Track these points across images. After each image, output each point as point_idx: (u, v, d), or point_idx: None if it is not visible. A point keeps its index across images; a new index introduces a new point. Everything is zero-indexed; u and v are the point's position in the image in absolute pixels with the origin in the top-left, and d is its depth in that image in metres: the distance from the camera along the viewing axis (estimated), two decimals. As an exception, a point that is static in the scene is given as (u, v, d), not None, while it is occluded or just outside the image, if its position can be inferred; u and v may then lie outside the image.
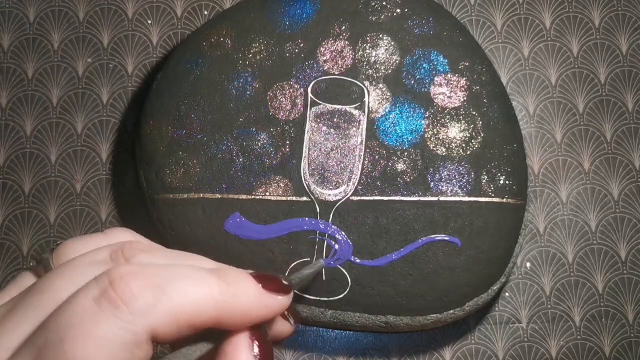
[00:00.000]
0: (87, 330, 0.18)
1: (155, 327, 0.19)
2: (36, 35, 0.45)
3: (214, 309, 0.20)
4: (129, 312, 0.18)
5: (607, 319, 0.41)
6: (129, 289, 0.18)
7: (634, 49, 0.44)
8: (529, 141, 0.43)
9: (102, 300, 0.18)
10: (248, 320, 0.21)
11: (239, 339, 0.21)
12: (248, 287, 0.21)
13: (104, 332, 0.18)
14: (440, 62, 0.39)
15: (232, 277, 0.21)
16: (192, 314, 0.19)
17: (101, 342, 0.18)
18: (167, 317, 0.19)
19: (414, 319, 0.36)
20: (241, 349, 0.21)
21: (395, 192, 0.37)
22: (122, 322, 0.18)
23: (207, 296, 0.20)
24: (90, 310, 0.18)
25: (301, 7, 0.40)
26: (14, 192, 0.43)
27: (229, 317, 0.20)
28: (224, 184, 0.38)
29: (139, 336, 0.18)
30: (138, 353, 0.18)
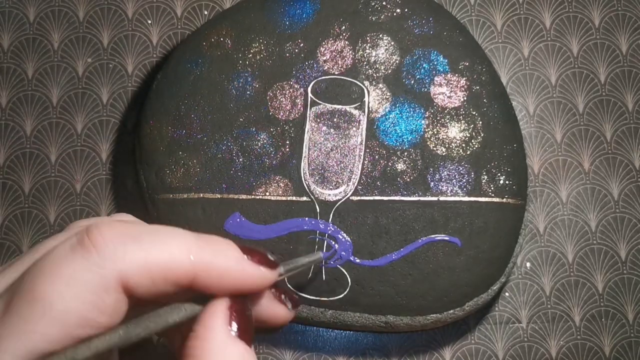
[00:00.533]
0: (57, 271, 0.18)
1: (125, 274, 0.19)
2: (36, 35, 0.45)
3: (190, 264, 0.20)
4: (99, 256, 0.18)
5: (607, 319, 0.41)
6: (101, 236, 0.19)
7: (634, 49, 0.44)
8: (529, 141, 0.43)
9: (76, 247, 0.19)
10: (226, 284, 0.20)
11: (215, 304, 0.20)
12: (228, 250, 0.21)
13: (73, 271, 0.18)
14: (440, 62, 0.39)
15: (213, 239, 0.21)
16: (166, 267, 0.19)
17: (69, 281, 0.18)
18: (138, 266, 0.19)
19: (414, 319, 0.36)
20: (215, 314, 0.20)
21: (395, 192, 0.37)
22: (91, 264, 0.18)
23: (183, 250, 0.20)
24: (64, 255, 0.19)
25: (301, 7, 0.40)
26: (14, 192, 0.43)
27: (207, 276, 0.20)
28: (224, 184, 0.38)
29: (107, 281, 0.18)
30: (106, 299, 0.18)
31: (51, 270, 0.18)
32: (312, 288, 0.36)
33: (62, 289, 0.18)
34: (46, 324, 0.17)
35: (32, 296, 0.18)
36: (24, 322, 0.17)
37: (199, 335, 0.20)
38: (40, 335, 0.17)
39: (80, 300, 0.18)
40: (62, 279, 0.18)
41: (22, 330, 0.17)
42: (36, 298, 0.18)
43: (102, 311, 0.18)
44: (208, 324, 0.20)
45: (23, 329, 0.17)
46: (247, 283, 0.21)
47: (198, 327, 0.20)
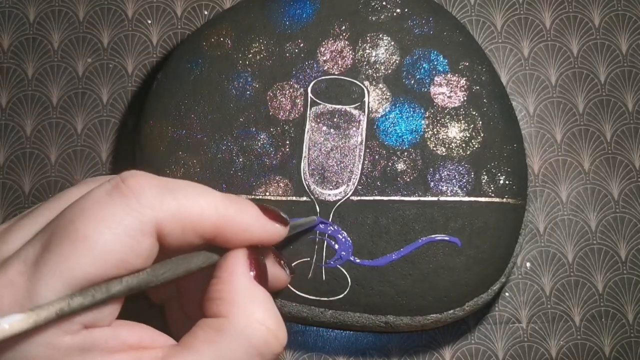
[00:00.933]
0: (98, 214, 0.19)
1: (161, 221, 0.20)
2: (36, 35, 0.45)
3: (217, 218, 0.21)
4: (137, 201, 0.19)
5: (607, 319, 0.41)
6: (139, 184, 0.20)
7: (634, 49, 0.44)
8: (529, 141, 0.43)
9: (113, 192, 0.20)
10: (247, 238, 0.22)
11: (237, 253, 0.22)
12: (249, 208, 0.23)
13: (113, 215, 0.19)
14: (440, 62, 0.39)
15: (236, 198, 0.22)
16: (197, 218, 0.21)
17: (110, 224, 0.19)
18: (173, 215, 0.20)
19: (414, 319, 0.36)
20: (238, 260, 0.22)
21: (395, 192, 0.37)
22: (130, 209, 0.19)
23: (211, 205, 0.21)
24: (102, 199, 0.19)
25: (301, 7, 0.40)
26: (14, 192, 0.43)
27: (230, 230, 0.22)
28: (224, 184, 0.38)
29: (145, 225, 0.19)
30: (143, 242, 0.19)
31: (93, 212, 0.19)
32: (312, 288, 0.36)
33: (104, 231, 0.19)
34: (87, 263, 0.18)
35: (75, 236, 0.18)
36: (65, 259, 0.18)
37: (225, 279, 0.22)
38: (80, 273, 0.18)
39: (120, 242, 0.19)
40: (104, 221, 0.19)
41: (64, 267, 0.18)
42: (79, 238, 0.18)
43: (138, 254, 0.19)
44: (232, 269, 0.22)
45: (64, 266, 0.18)
46: (264, 237, 0.23)
47: (222, 272, 0.22)
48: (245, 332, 0.20)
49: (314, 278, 0.36)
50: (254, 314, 0.21)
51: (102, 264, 0.18)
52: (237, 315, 0.21)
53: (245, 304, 0.21)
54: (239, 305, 0.21)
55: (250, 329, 0.20)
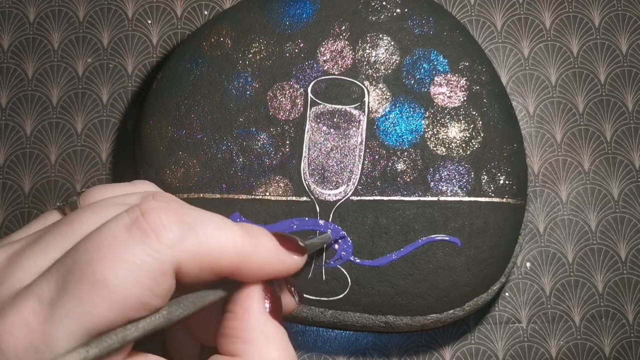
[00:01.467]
0: (117, 254, 0.18)
1: (180, 261, 0.19)
2: (36, 35, 0.45)
3: (236, 255, 0.20)
4: (158, 241, 0.19)
5: (607, 319, 0.41)
6: (159, 220, 0.19)
7: (634, 49, 0.44)
8: (529, 141, 0.43)
9: (133, 228, 0.19)
10: (264, 273, 0.22)
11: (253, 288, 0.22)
12: (268, 242, 0.22)
13: (133, 256, 0.18)
14: (440, 62, 0.39)
15: (254, 230, 0.22)
16: (216, 256, 0.20)
17: (129, 266, 0.18)
18: (193, 254, 0.19)
19: (414, 319, 0.36)
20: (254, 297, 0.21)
21: (395, 192, 0.37)
22: (151, 250, 0.18)
23: (230, 242, 0.20)
24: (120, 236, 0.19)
25: (301, 7, 0.40)
26: (14, 192, 0.43)
27: (248, 266, 0.21)
28: (224, 184, 0.38)
29: (165, 266, 0.19)
30: (162, 283, 0.19)
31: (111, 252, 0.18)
32: (312, 288, 0.36)
33: (123, 274, 0.18)
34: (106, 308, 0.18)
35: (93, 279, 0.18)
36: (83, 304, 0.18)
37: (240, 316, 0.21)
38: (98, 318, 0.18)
39: (140, 285, 0.18)
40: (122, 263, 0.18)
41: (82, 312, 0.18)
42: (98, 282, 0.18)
43: (157, 295, 0.19)
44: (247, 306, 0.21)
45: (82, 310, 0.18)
46: (281, 270, 0.22)
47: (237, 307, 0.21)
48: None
49: (314, 278, 0.36)
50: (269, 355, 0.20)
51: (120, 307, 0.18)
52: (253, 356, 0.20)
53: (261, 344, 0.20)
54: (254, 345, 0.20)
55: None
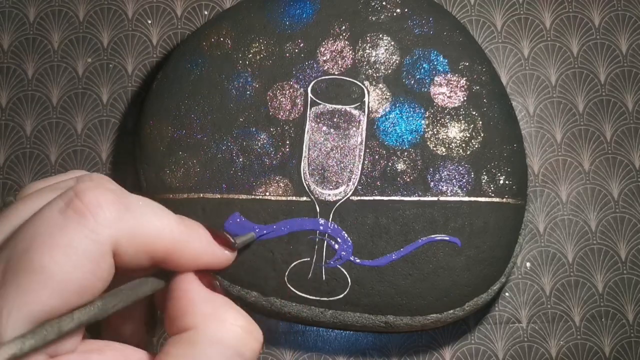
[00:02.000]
0: (54, 239, 0.18)
1: (118, 241, 0.19)
2: (36, 35, 0.45)
3: (171, 241, 0.20)
4: (95, 220, 0.18)
5: (607, 319, 0.41)
6: (96, 199, 0.19)
7: (634, 49, 0.44)
8: (529, 141, 0.43)
9: (67, 211, 0.18)
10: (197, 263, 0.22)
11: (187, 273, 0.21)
12: (202, 233, 0.22)
13: (70, 240, 0.18)
14: (440, 62, 0.39)
15: (189, 222, 0.22)
16: (152, 239, 0.20)
17: (68, 250, 0.18)
18: (129, 235, 0.19)
19: (414, 319, 0.36)
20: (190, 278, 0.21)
21: (395, 192, 0.37)
22: (88, 230, 0.18)
23: (166, 227, 0.20)
24: (56, 220, 0.18)
25: (301, 7, 0.40)
26: (14, 192, 0.43)
27: (182, 254, 0.21)
28: (224, 184, 0.38)
29: (104, 247, 0.18)
30: (102, 265, 0.18)
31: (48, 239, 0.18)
32: (312, 288, 0.36)
33: (61, 259, 0.18)
34: (47, 295, 0.17)
35: (32, 267, 0.17)
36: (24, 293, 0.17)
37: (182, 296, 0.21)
38: (40, 306, 0.17)
39: (80, 269, 0.18)
40: (60, 248, 0.18)
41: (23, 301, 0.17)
42: (36, 269, 0.17)
43: (99, 277, 0.18)
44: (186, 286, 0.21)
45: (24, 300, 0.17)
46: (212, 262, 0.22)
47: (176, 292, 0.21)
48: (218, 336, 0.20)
49: (314, 278, 0.36)
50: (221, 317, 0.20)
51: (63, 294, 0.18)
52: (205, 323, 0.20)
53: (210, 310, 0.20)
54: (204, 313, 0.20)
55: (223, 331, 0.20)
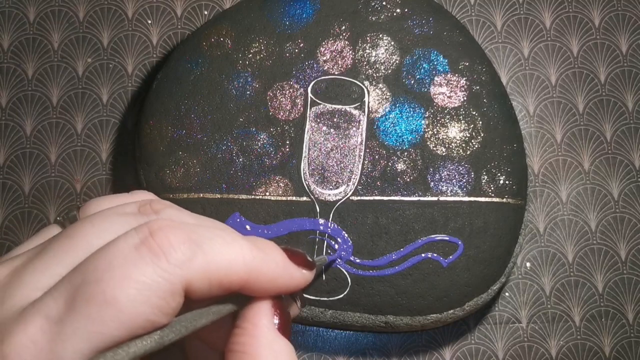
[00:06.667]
0: (127, 273, 0.18)
1: (189, 280, 0.19)
2: (36, 35, 0.45)
3: (245, 271, 0.20)
4: (168, 261, 0.19)
5: (607, 319, 0.41)
6: (168, 240, 0.19)
7: (634, 49, 0.44)
8: (529, 141, 0.43)
9: (142, 248, 0.19)
10: (274, 288, 0.22)
11: (262, 304, 0.22)
12: (277, 256, 0.22)
13: (143, 276, 0.18)
14: (440, 62, 0.39)
15: (263, 244, 0.22)
16: (225, 273, 0.20)
17: (139, 286, 0.18)
18: (202, 272, 0.19)
19: (414, 319, 0.36)
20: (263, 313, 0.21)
21: (395, 192, 0.37)
22: (161, 270, 0.19)
23: (239, 257, 0.20)
24: (130, 255, 0.19)
25: (301, 7, 0.40)
26: (14, 192, 0.43)
27: (257, 281, 0.21)
28: (224, 184, 0.38)
29: (175, 286, 0.19)
30: (172, 303, 0.19)
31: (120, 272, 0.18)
32: (312, 288, 0.36)
33: (133, 294, 0.18)
34: (115, 327, 0.18)
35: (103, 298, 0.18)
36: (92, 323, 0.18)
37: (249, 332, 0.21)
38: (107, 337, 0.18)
39: (149, 304, 0.18)
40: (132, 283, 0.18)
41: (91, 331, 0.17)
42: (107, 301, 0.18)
43: (165, 313, 0.19)
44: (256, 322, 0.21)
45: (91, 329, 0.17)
46: (291, 285, 0.22)
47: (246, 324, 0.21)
48: None
49: (314, 278, 0.36)
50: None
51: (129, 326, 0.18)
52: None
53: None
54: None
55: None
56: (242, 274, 0.20)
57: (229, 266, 0.20)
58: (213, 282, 0.20)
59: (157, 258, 0.19)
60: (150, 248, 0.19)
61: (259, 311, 0.21)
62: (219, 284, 0.20)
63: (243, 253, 0.21)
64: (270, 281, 0.21)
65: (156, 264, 0.19)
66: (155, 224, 0.20)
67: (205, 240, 0.20)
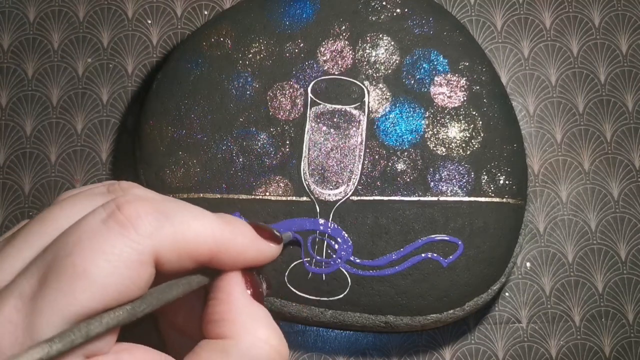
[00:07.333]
0: (96, 246, 0.19)
1: (158, 250, 0.20)
2: (36, 35, 0.45)
3: (213, 243, 0.21)
4: (136, 232, 0.19)
5: (607, 319, 0.41)
6: (136, 211, 0.19)
7: (634, 49, 0.44)
8: (529, 141, 0.43)
9: (110, 221, 0.19)
10: (242, 261, 0.22)
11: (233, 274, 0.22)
12: (244, 229, 0.22)
13: (112, 248, 0.19)
14: (440, 62, 0.39)
15: (230, 219, 0.22)
16: (193, 244, 0.20)
17: (109, 257, 0.18)
18: (170, 243, 0.20)
19: (414, 319, 0.36)
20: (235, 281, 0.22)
21: (395, 192, 0.37)
22: (129, 240, 0.19)
23: (207, 230, 0.21)
24: (98, 229, 0.19)
25: (301, 7, 0.40)
26: (14, 192, 0.43)
27: (226, 253, 0.21)
28: (224, 184, 0.38)
29: (144, 256, 0.19)
30: (142, 274, 0.19)
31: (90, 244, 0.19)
32: (312, 288, 0.36)
33: (103, 264, 0.18)
34: (86, 298, 0.18)
35: (74, 270, 0.18)
36: (65, 296, 0.18)
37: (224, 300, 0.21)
38: (80, 308, 0.18)
39: (119, 275, 0.19)
40: (102, 254, 0.18)
41: (63, 303, 0.18)
42: (78, 273, 0.18)
43: (137, 285, 0.19)
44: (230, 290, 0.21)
45: (64, 302, 0.18)
46: (259, 258, 0.23)
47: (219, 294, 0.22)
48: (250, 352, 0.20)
49: (314, 278, 0.36)
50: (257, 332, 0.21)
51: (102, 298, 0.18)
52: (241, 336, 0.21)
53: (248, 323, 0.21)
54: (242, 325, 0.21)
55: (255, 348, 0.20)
56: (210, 245, 0.21)
57: (197, 237, 0.20)
58: (182, 253, 0.20)
59: (125, 229, 0.19)
60: (117, 220, 0.19)
61: (231, 281, 0.22)
62: (188, 255, 0.20)
63: (212, 225, 0.21)
64: (239, 254, 0.22)
65: (124, 235, 0.19)
66: (123, 198, 0.20)
67: (173, 212, 0.20)
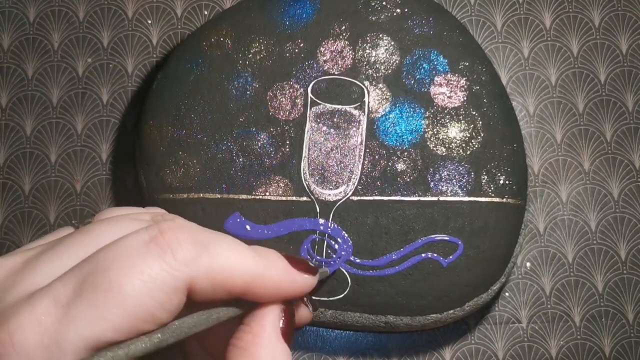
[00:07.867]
0: (134, 265, 0.19)
1: (194, 279, 0.20)
2: (36, 35, 0.45)
3: (248, 276, 0.21)
4: (174, 257, 0.20)
5: (607, 319, 0.41)
6: (176, 238, 0.20)
7: (634, 49, 0.44)
8: (529, 141, 0.43)
9: (150, 244, 0.20)
10: (277, 294, 0.22)
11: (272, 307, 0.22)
12: (278, 262, 0.23)
13: (149, 269, 0.19)
14: (440, 62, 0.39)
15: (265, 252, 0.22)
16: (228, 276, 0.21)
17: (144, 278, 0.19)
18: (206, 273, 0.20)
19: (414, 319, 0.36)
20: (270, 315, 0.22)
21: (395, 192, 0.37)
22: (167, 265, 0.19)
23: (242, 262, 0.21)
24: (138, 249, 0.19)
25: (301, 7, 0.40)
26: (14, 192, 0.43)
27: (260, 287, 0.22)
28: (224, 184, 0.38)
29: (179, 282, 0.20)
30: (174, 299, 0.20)
31: (128, 263, 0.19)
32: (312, 288, 0.36)
33: (138, 284, 0.19)
34: (118, 315, 0.18)
35: (109, 285, 0.18)
36: (97, 308, 0.18)
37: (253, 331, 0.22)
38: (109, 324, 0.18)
39: (152, 297, 0.19)
40: (138, 274, 0.19)
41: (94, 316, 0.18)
42: (113, 288, 0.18)
43: (167, 310, 0.19)
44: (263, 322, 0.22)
45: (95, 314, 0.18)
46: (293, 291, 0.23)
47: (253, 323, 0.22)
48: None
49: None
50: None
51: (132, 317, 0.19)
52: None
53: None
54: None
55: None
56: (245, 278, 0.21)
57: (232, 269, 0.21)
58: (216, 284, 0.20)
59: (164, 253, 0.19)
60: (158, 244, 0.19)
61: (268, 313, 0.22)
62: (222, 286, 0.21)
63: (246, 258, 0.21)
64: (273, 287, 0.22)
65: (163, 259, 0.19)
66: (165, 224, 0.20)
67: (211, 243, 0.21)
